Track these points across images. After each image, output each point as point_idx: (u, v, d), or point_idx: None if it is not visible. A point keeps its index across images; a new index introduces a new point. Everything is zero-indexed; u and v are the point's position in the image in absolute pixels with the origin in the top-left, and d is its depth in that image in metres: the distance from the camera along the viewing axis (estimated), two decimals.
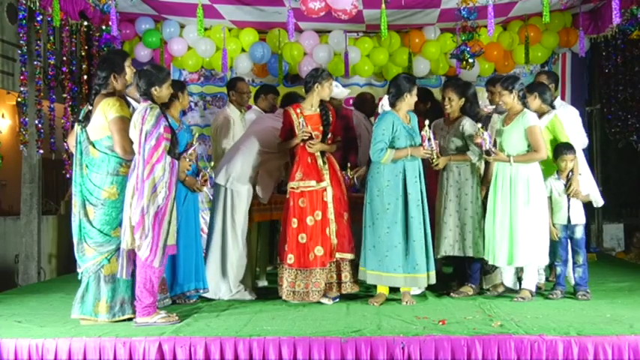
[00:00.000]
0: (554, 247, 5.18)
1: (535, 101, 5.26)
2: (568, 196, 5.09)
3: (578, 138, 5.59)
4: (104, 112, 4.38)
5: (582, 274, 5.15)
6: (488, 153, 4.97)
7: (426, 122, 4.98)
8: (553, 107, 5.33)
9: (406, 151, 4.96)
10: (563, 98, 7.85)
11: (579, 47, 7.26)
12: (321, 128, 5.23)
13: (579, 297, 5.06)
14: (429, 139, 4.93)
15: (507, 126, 5.09)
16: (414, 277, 4.93)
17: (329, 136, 5.24)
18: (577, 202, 5.12)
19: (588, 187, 5.32)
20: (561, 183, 5.11)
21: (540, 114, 5.24)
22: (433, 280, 5.01)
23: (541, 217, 5.02)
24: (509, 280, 5.28)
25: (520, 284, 5.21)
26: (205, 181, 5.12)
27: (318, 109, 5.27)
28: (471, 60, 6.09)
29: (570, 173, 5.09)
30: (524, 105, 5.10)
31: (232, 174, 5.39)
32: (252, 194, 5.47)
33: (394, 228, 4.93)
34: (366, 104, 6.65)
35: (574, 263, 5.19)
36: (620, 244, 9.13)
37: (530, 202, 4.97)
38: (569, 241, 5.19)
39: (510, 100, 5.05)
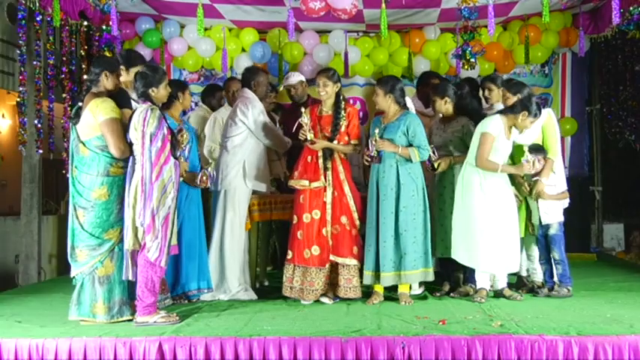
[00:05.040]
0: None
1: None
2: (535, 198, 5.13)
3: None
4: (93, 113, 4.36)
5: (562, 270, 5.15)
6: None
7: (376, 131, 5.05)
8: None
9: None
10: (563, 98, 7.87)
11: (579, 47, 7.26)
12: (329, 129, 5.22)
13: (560, 294, 5.07)
14: (367, 146, 5.02)
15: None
16: (383, 275, 4.99)
17: (335, 138, 5.21)
18: (548, 202, 5.12)
19: (560, 185, 5.24)
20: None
21: None
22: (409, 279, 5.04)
23: (477, 220, 4.95)
24: (484, 282, 5.17)
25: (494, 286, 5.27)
26: (206, 178, 5.10)
27: (330, 111, 5.27)
28: (472, 60, 6.09)
29: (537, 176, 5.06)
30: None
31: (222, 175, 5.40)
32: (249, 193, 5.45)
33: (370, 226, 5.07)
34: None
35: (553, 260, 5.21)
36: (620, 244, 9.14)
37: (464, 204, 5.00)
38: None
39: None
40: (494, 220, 4.95)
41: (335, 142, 5.19)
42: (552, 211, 5.15)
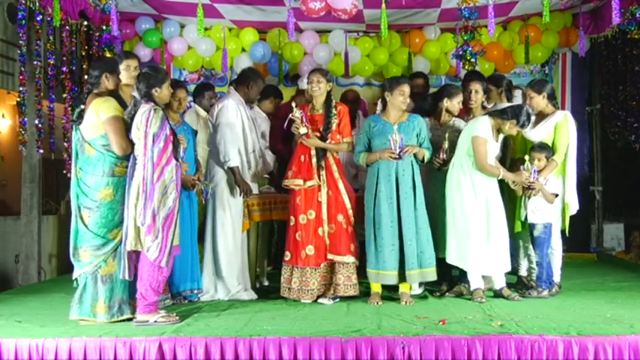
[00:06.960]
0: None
1: (542, 100, 5.22)
2: (527, 193, 5.11)
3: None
4: (96, 111, 4.38)
5: (539, 273, 5.16)
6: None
7: (395, 127, 5.00)
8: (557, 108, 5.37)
9: (375, 154, 5.05)
10: (563, 98, 7.88)
11: (579, 47, 7.27)
12: (320, 128, 5.20)
13: (531, 295, 5.08)
14: (396, 142, 4.94)
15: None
16: (381, 273, 5.00)
17: (328, 137, 5.19)
18: (538, 201, 5.11)
19: (568, 190, 5.21)
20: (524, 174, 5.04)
21: (542, 115, 5.23)
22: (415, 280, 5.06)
23: (466, 221, 4.98)
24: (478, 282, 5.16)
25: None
26: (199, 188, 5.05)
27: (321, 110, 5.25)
28: (472, 60, 6.10)
29: (535, 174, 5.03)
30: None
31: (210, 175, 5.40)
32: (239, 192, 5.38)
33: (368, 226, 5.05)
34: (354, 104, 6.63)
35: (535, 261, 5.24)
36: (620, 243, 9.14)
37: (453, 204, 5.04)
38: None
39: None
40: (483, 220, 4.97)
41: (328, 141, 5.18)
42: (540, 212, 5.13)
